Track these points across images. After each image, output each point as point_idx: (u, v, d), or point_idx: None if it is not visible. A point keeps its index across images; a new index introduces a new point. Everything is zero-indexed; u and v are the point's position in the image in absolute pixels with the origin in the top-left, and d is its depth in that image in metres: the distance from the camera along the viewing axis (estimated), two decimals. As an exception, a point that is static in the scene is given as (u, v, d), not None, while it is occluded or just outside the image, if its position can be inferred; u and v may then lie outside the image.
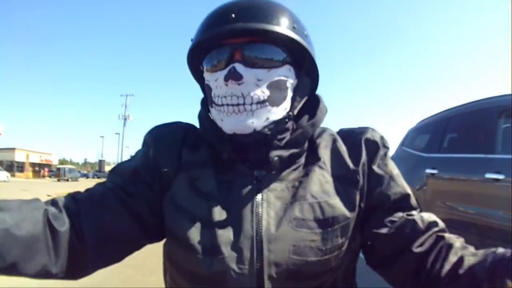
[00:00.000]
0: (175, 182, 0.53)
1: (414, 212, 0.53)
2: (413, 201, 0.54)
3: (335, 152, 0.55)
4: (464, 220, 2.72)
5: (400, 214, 0.52)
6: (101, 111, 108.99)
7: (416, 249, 0.48)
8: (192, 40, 0.54)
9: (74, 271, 0.48)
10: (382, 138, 0.57)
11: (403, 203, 0.53)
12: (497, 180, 2.37)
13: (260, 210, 0.49)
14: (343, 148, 0.55)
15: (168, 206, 0.52)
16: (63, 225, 0.46)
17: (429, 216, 0.52)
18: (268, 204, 0.50)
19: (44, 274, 0.44)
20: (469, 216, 2.68)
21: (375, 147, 0.55)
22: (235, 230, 0.48)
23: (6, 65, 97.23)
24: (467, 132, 3.05)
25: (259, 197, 0.50)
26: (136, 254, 0.55)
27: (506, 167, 2.34)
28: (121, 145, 42.44)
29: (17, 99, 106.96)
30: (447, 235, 0.50)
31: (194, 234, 0.48)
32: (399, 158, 4.04)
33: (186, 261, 0.49)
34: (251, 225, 0.48)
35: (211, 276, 0.46)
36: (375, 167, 0.54)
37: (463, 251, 0.46)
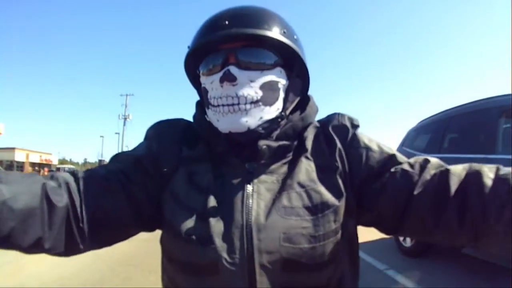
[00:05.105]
0: (175, 176, 0.55)
1: (399, 165, 0.52)
2: (399, 158, 0.54)
3: (317, 143, 0.57)
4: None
5: (387, 174, 0.52)
6: (101, 111, 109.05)
7: (417, 191, 0.48)
8: (188, 47, 0.56)
9: (66, 248, 0.47)
10: (349, 119, 0.59)
11: (388, 165, 0.53)
12: (497, 180, 2.37)
13: (250, 201, 0.50)
14: (322, 138, 0.58)
15: (168, 199, 0.54)
16: (61, 200, 0.46)
17: (417, 158, 0.53)
18: (258, 195, 0.51)
19: (36, 248, 0.44)
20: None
21: (344, 131, 0.57)
22: (226, 221, 0.49)
23: (7, 65, 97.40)
24: (467, 133, 3.05)
25: (249, 188, 0.51)
26: (136, 254, 0.54)
27: (506, 167, 2.33)
28: (121, 145, 42.55)
29: (17, 99, 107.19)
30: (444, 167, 0.50)
31: (190, 225, 0.49)
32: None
33: (182, 252, 0.50)
34: (241, 215, 0.49)
35: (205, 266, 0.47)
36: (350, 149, 0.56)
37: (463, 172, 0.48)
